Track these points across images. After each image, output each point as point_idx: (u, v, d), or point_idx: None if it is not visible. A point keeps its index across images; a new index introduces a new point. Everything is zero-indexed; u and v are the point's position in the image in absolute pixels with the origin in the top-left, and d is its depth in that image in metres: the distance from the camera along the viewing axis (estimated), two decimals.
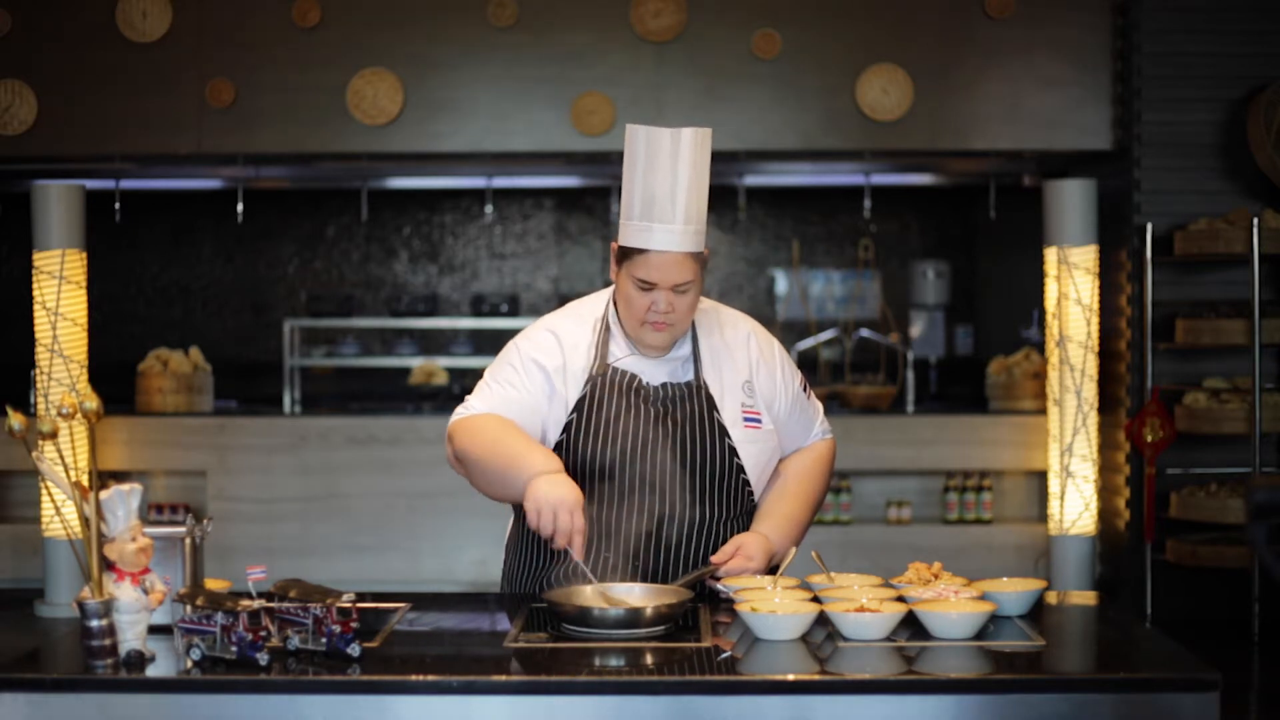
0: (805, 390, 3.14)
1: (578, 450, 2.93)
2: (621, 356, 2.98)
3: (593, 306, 3.06)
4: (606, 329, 3.00)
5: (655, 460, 2.92)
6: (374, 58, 6.84)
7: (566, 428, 2.94)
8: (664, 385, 2.97)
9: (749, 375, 3.03)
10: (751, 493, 3.03)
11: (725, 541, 2.97)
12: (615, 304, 3.00)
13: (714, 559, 2.92)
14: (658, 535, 2.93)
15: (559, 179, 8.61)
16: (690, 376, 2.99)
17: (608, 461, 2.92)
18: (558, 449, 2.95)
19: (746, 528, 3.02)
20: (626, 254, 2.90)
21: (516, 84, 6.87)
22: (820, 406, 3.22)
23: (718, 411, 2.97)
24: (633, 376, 2.97)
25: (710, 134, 2.92)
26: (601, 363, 2.97)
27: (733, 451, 2.96)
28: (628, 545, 2.92)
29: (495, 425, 2.91)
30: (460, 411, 3.00)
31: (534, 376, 2.96)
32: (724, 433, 2.96)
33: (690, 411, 2.96)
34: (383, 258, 9.80)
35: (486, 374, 3.03)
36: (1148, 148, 6.63)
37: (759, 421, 3.01)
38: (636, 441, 2.92)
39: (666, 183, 2.85)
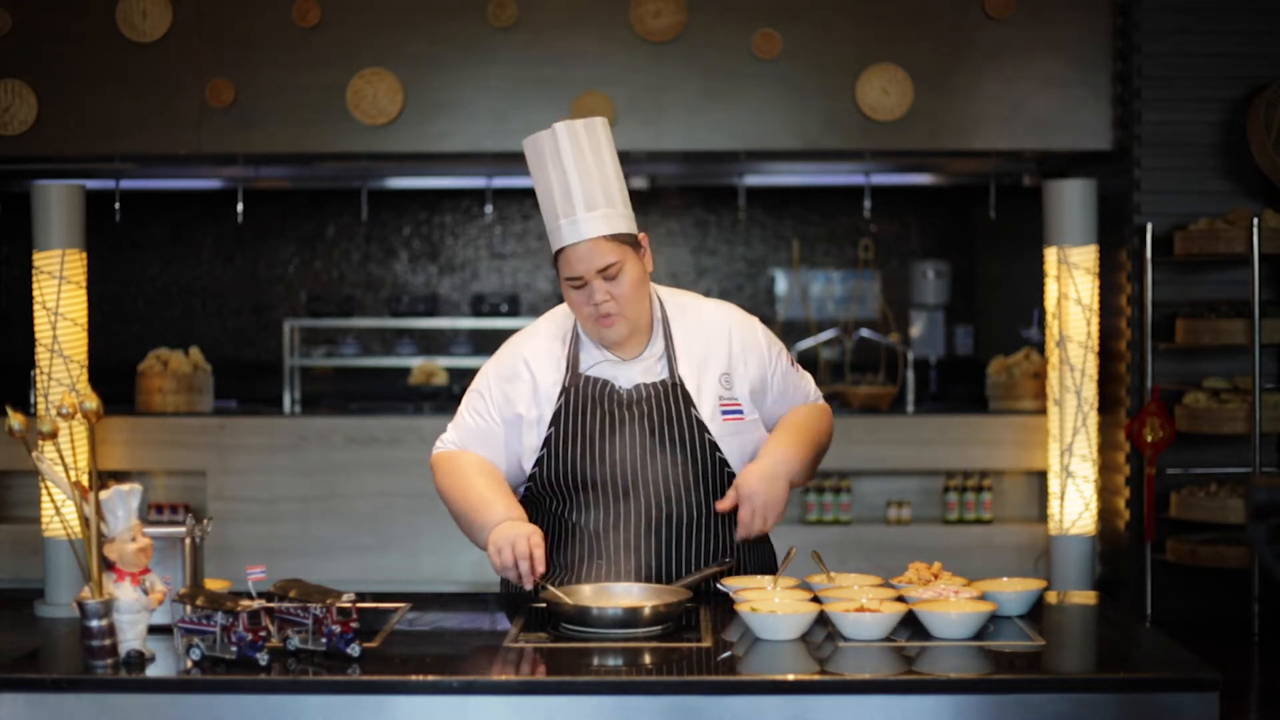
0: (793, 364, 3.14)
1: (558, 463, 2.94)
2: (593, 364, 2.98)
3: (563, 318, 3.06)
4: (577, 338, 3.01)
5: (634, 465, 2.92)
6: (374, 58, 6.84)
7: (546, 442, 2.95)
8: (637, 387, 2.96)
9: (727, 367, 3.00)
10: None
11: (717, 536, 2.97)
12: None
13: (718, 505, 2.91)
14: (647, 538, 2.93)
15: None
16: (665, 375, 2.98)
17: (587, 471, 2.93)
18: (539, 464, 2.97)
19: (737, 519, 3.01)
20: (555, 259, 2.94)
21: (516, 84, 6.87)
22: (810, 376, 3.21)
23: (695, 408, 2.95)
24: (604, 383, 2.96)
25: (599, 122, 2.95)
26: (573, 373, 2.97)
27: (713, 446, 2.95)
28: (618, 551, 2.92)
29: (464, 466, 2.99)
30: (438, 445, 3.08)
31: (500, 407, 3.00)
32: (703, 429, 2.95)
33: (666, 411, 2.95)
34: (383, 258, 9.81)
35: (462, 401, 3.08)
36: (1148, 148, 6.63)
37: (740, 413, 3.00)
38: (613, 448, 2.92)
39: (558, 179, 2.90)
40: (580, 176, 2.89)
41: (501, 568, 2.82)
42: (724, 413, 2.98)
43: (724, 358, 3.01)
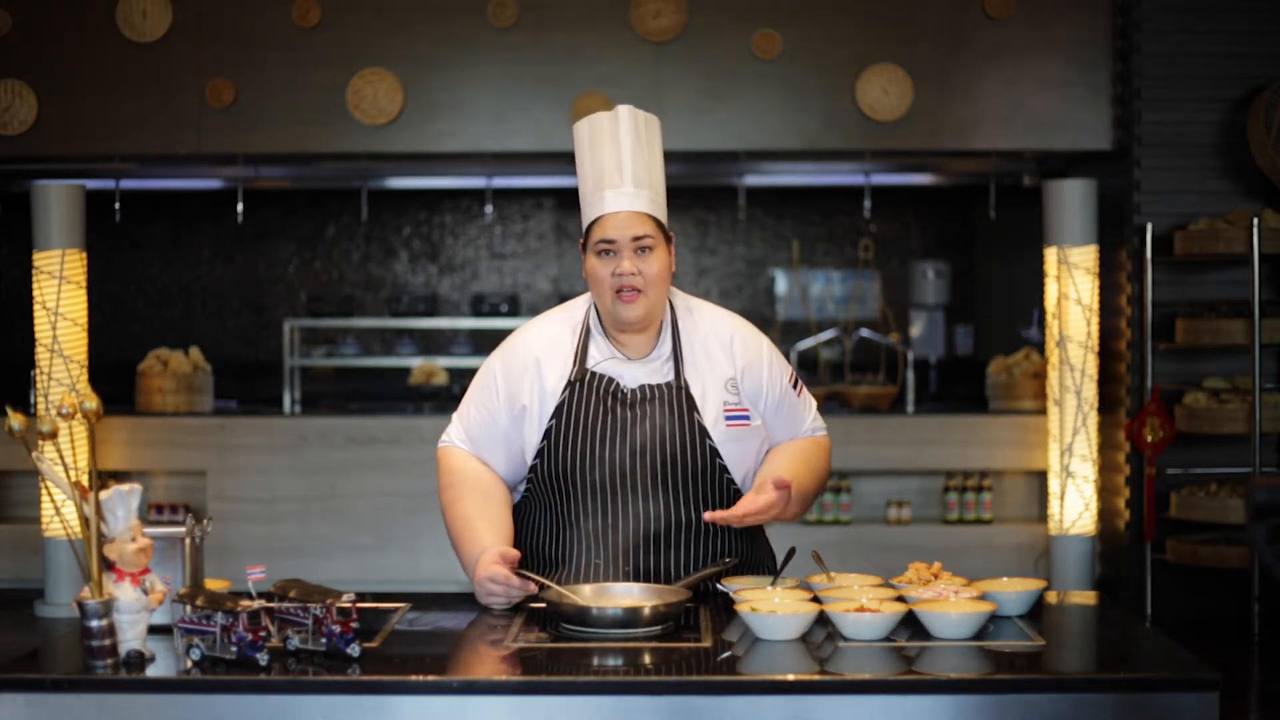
0: (796, 386, 3.09)
1: (557, 457, 2.94)
2: (600, 360, 2.98)
3: (575, 310, 3.06)
4: (587, 332, 3.01)
5: (632, 465, 2.92)
6: (374, 58, 6.84)
7: (547, 434, 2.96)
8: (641, 387, 2.96)
9: (733, 373, 3.00)
10: (738, 490, 3.00)
11: (712, 541, 2.97)
12: (595, 303, 3.01)
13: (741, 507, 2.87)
14: (643, 539, 2.93)
15: (559, 179, 8.61)
16: (671, 377, 2.98)
17: (586, 468, 2.93)
18: (539, 457, 2.97)
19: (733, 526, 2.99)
20: (588, 232, 2.95)
21: (516, 84, 6.87)
22: (813, 403, 3.16)
23: (698, 412, 2.95)
24: (609, 380, 2.96)
25: (656, 120, 3.03)
26: (580, 367, 2.97)
27: (714, 453, 2.94)
28: (614, 551, 2.93)
29: (460, 480, 3.03)
30: (444, 438, 3.10)
31: (506, 400, 3.00)
32: (704, 434, 2.94)
33: (668, 413, 2.94)
34: (383, 258, 9.80)
35: (468, 390, 3.09)
36: (1148, 148, 6.63)
37: (745, 418, 2.99)
38: (613, 447, 2.92)
39: (612, 154, 2.94)
40: (633, 156, 2.94)
41: (492, 602, 2.86)
42: (729, 418, 2.97)
43: (728, 365, 3.01)
